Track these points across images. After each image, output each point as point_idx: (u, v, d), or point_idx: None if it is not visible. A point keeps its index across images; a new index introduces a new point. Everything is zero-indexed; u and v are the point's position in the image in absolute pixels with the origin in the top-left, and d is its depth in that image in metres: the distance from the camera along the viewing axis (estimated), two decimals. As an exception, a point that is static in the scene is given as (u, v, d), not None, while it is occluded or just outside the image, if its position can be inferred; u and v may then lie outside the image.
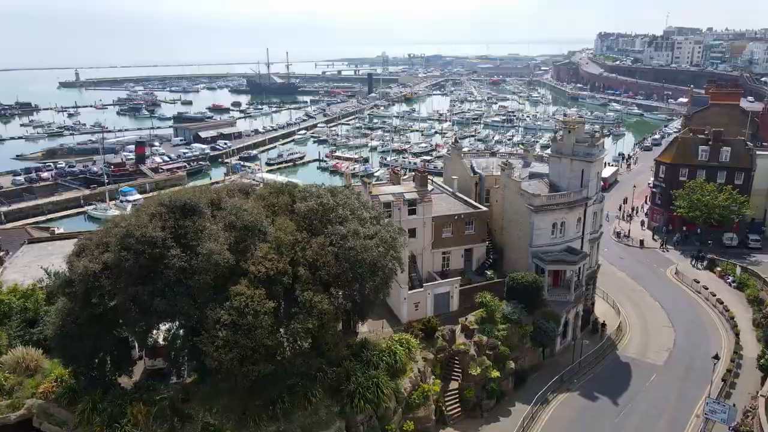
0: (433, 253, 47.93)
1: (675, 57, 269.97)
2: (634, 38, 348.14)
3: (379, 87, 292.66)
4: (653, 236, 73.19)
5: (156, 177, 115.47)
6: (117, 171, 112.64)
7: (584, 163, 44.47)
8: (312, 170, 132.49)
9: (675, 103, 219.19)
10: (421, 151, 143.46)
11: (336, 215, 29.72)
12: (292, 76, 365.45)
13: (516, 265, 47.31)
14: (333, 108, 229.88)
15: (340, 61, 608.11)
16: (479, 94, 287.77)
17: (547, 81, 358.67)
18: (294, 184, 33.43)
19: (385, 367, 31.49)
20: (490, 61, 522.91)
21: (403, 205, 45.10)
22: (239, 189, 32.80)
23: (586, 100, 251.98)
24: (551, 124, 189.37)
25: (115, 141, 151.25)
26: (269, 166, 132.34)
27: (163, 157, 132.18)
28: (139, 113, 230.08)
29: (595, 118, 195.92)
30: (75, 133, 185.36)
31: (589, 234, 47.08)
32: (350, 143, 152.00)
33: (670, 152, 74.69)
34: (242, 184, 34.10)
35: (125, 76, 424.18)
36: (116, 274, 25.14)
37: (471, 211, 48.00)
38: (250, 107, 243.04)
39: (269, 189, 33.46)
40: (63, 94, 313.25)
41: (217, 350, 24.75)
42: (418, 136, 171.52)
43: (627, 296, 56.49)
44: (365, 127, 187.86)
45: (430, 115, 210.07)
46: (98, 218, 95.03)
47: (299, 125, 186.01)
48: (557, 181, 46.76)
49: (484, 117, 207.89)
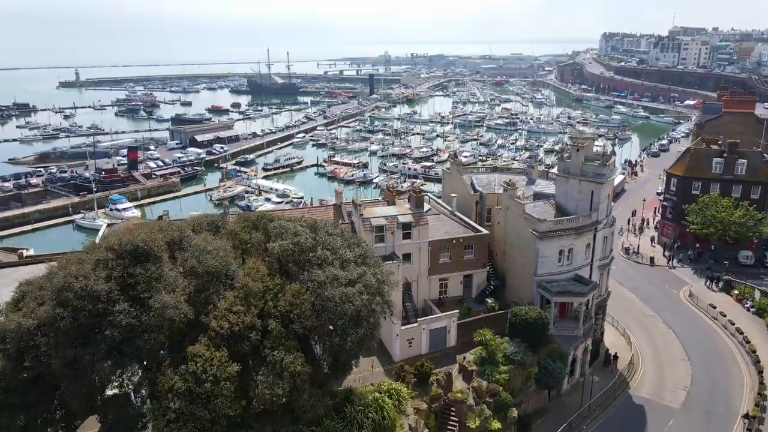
0: (429, 280, 44.30)
1: (681, 58, 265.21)
2: (639, 39, 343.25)
3: (380, 88, 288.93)
4: (664, 252, 69.32)
5: (149, 183, 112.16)
6: (108, 177, 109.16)
7: (594, 185, 40.72)
8: (310, 176, 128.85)
9: (682, 106, 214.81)
10: (422, 156, 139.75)
11: (315, 256, 26.06)
12: (293, 76, 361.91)
13: (519, 293, 43.66)
14: (333, 110, 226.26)
15: (343, 61, 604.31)
16: (482, 96, 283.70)
17: (551, 82, 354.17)
18: (270, 218, 29.51)
19: (372, 426, 27.84)
20: (493, 61, 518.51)
21: (396, 229, 41.49)
22: (209, 222, 29.07)
23: (591, 102, 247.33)
24: (555, 127, 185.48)
25: (109, 144, 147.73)
26: (266, 172, 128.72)
27: (158, 162, 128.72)
28: (137, 114, 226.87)
29: (600, 121, 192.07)
30: (71, 135, 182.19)
31: (598, 260, 43.36)
32: (350, 147, 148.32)
33: (682, 164, 70.76)
34: (212, 217, 30.40)
35: (126, 75, 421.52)
36: (52, 333, 21.54)
37: (471, 235, 44.32)
38: (249, 109, 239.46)
39: (242, 224, 29.61)
40: (63, 94, 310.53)
41: (168, 425, 21.16)
42: (419, 139, 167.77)
43: (638, 322, 52.73)
44: (365, 130, 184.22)
45: (432, 118, 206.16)
46: (86, 228, 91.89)
47: (299, 128, 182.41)
48: (564, 203, 43.02)
49: (487, 119, 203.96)
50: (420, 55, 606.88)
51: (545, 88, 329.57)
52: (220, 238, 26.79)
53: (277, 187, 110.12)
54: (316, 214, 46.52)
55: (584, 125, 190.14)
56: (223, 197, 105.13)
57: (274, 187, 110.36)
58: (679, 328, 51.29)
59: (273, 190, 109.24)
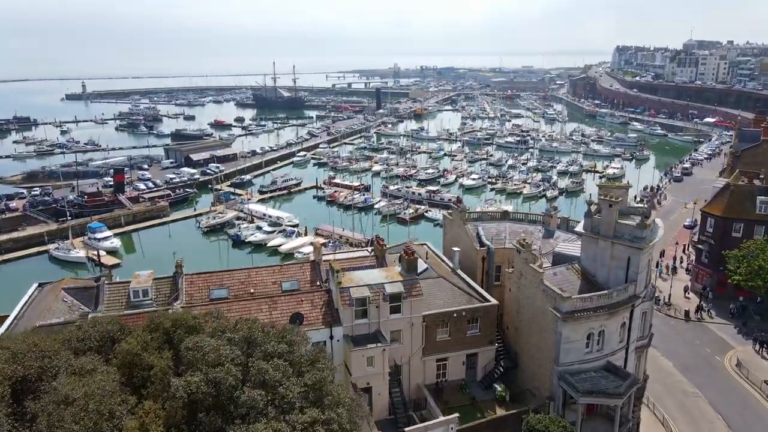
0: (424, 361, 36.11)
1: (699, 73, 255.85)
2: (654, 52, 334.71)
3: (388, 102, 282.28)
4: (700, 304, 60.36)
5: (135, 208, 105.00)
6: (91, 202, 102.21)
7: (631, 250, 32.46)
8: (308, 199, 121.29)
9: (702, 123, 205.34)
10: (428, 178, 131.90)
11: (244, 401, 17.99)
12: (299, 89, 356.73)
13: (535, 380, 35.32)
14: (338, 125, 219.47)
15: (351, 73, 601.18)
16: (492, 110, 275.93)
17: (563, 96, 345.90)
18: (191, 323, 21.00)
19: None
20: (503, 74, 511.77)
21: (383, 302, 33.44)
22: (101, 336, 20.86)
23: (605, 119, 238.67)
24: (569, 146, 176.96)
25: (101, 163, 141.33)
26: (261, 194, 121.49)
27: (148, 183, 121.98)
28: (137, 129, 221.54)
29: (615, 139, 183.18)
30: (66, 152, 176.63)
31: (635, 341, 34.96)
32: (352, 167, 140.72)
33: (720, 202, 62.13)
34: (109, 325, 22.24)
35: (133, 88, 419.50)
36: None
37: (476, 306, 36.13)
38: (252, 124, 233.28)
39: (148, 335, 20.86)
40: (67, 107, 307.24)
41: None
42: (425, 158, 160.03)
43: (679, 403, 43.89)
44: (370, 148, 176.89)
45: (440, 134, 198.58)
46: (61, 260, 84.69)
47: (301, 145, 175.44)
48: (592, 269, 34.78)
49: (497, 137, 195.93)
50: (429, 68, 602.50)
51: (557, 103, 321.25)
52: (109, 366, 18.87)
53: (271, 213, 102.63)
54: (289, 274, 38.68)
55: (599, 143, 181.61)
56: (212, 224, 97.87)
57: (267, 213, 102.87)
58: (730, 415, 42.30)
59: (266, 217, 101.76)
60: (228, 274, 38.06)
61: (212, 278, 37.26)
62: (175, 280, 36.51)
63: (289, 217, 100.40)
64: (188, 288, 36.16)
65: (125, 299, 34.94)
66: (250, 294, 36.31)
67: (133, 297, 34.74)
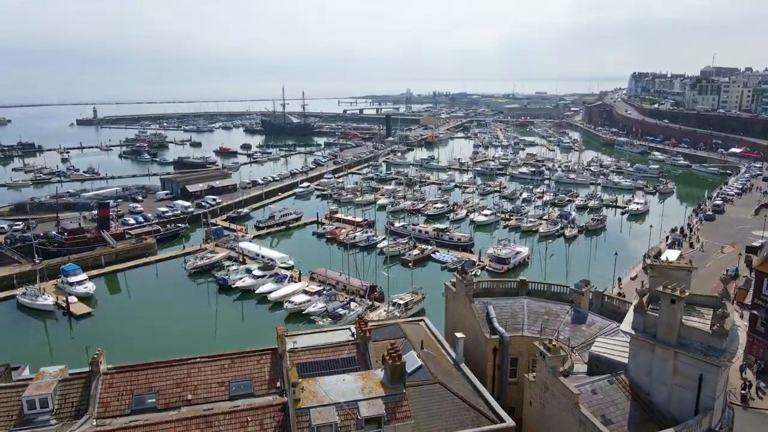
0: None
1: (722, 101, 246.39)
2: (671, 79, 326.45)
3: (398, 129, 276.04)
4: (758, 385, 50.17)
5: (119, 246, 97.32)
6: (70, 239, 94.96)
7: (705, 366, 23.23)
8: (307, 236, 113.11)
9: (727, 154, 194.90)
10: (437, 213, 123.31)
11: None
12: (310, 115, 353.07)
13: None
14: (346, 153, 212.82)
15: (364, 99, 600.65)
16: (505, 138, 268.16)
17: (578, 124, 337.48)
18: None
19: None
20: (516, 100, 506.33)
21: (356, 430, 24.43)
22: None
23: (623, 147, 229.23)
24: (586, 177, 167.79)
25: (93, 194, 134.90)
26: (258, 230, 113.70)
27: (138, 218, 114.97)
28: (140, 156, 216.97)
29: (636, 170, 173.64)
30: (64, 180, 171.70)
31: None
32: (356, 200, 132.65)
33: (776, 259, 52.48)
34: None
35: (144, 113, 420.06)
36: None
37: (485, 430, 26.91)
38: (257, 152, 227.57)
39: None
40: (78, 133, 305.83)
41: None
42: (434, 190, 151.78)
43: None
44: (377, 178, 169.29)
45: (451, 164, 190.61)
46: (28, 308, 76.73)
47: (306, 174, 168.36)
48: (645, 385, 25.46)
49: (511, 167, 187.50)
50: (442, 94, 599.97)
51: (572, 131, 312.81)
52: None
53: (264, 253, 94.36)
54: (242, 371, 29.91)
55: (618, 174, 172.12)
56: (199, 265, 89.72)
57: (260, 253, 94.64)
58: None
59: (259, 257, 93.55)
60: (162, 370, 29.47)
61: (139, 377, 28.74)
62: (89, 383, 27.90)
63: (283, 258, 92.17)
64: (105, 393, 27.61)
65: (17, 411, 26.37)
66: (187, 401, 27.63)
67: (27, 408, 26.19)
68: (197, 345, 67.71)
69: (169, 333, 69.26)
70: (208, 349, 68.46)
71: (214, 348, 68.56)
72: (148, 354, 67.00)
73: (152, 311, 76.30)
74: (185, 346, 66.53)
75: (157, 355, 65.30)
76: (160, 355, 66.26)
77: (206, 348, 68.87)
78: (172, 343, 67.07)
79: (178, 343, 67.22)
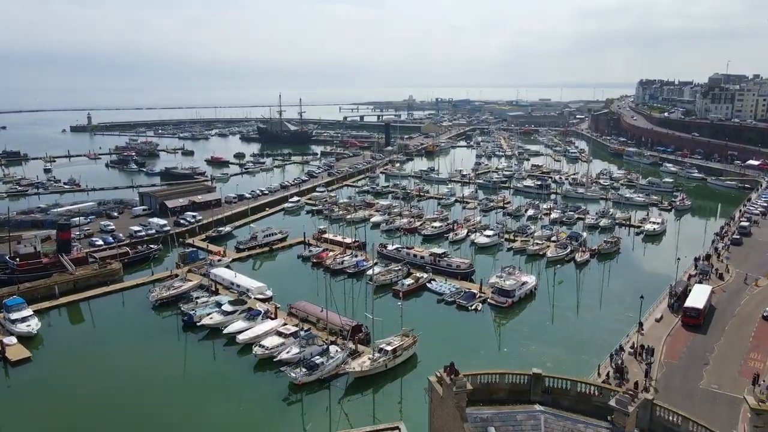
0: None
1: (736, 110, 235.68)
2: (680, 87, 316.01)
3: (397, 138, 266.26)
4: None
5: (79, 272, 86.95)
6: (23, 266, 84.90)
7: None
8: (292, 259, 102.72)
9: (744, 166, 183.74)
10: (435, 233, 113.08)
11: None
12: (308, 121, 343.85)
13: None
14: (342, 163, 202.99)
15: (366, 105, 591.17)
16: (509, 147, 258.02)
17: (584, 132, 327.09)
18: None
19: None
20: (520, 107, 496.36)
21: None
22: None
23: (633, 158, 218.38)
24: (596, 191, 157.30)
25: (64, 210, 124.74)
26: (238, 252, 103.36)
27: (108, 238, 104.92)
28: (127, 166, 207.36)
29: (648, 184, 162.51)
30: (42, 193, 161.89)
31: None
32: (348, 217, 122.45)
33: None
34: None
35: (140, 120, 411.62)
36: None
37: None
38: (249, 162, 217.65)
39: None
40: (69, 140, 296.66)
41: None
42: (434, 205, 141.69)
43: None
44: (373, 192, 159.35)
45: (452, 175, 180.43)
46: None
47: (299, 187, 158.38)
48: None
49: (515, 179, 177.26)
50: (445, 100, 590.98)
51: (578, 140, 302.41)
52: None
53: (240, 282, 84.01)
54: None
55: (629, 187, 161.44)
56: (164, 297, 79.33)
57: (236, 282, 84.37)
58: None
59: (234, 286, 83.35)
60: None
61: None
62: None
63: (261, 288, 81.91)
64: None
65: None
66: None
67: None
68: (156, 394, 57.59)
69: (122, 380, 59.36)
70: (167, 398, 58.72)
71: (174, 398, 58.88)
72: (94, 407, 57.57)
73: (107, 351, 66.20)
74: (141, 396, 56.41)
75: (104, 407, 56.14)
76: (107, 408, 54.95)
77: (165, 398, 59.13)
78: (125, 392, 57.28)
79: (132, 392, 57.36)
